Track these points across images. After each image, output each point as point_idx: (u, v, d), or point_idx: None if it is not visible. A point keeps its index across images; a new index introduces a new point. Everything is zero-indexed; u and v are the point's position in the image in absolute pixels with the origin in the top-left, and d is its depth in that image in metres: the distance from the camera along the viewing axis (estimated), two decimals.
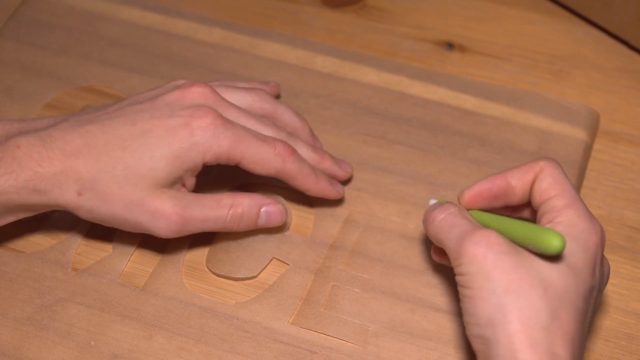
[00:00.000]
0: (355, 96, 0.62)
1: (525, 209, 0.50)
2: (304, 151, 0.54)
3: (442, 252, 0.51)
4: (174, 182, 0.50)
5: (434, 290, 0.53)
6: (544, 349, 0.41)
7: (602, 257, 0.46)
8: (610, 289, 0.54)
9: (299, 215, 0.56)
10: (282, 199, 0.56)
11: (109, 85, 0.63)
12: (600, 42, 0.67)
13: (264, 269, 0.54)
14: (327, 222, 0.56)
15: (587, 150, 0.60)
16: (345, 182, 0.58)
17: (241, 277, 0.53)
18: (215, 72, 0.64)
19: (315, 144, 0.57)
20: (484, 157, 0.59)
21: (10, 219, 0.51)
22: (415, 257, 0.54)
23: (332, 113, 0.61)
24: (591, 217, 0.46)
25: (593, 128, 0.61)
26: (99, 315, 0.52)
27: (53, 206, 0.50)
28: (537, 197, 0.47)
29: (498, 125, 0.61)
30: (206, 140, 0.50)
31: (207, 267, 0.54)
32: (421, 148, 0.60)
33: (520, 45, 0.67)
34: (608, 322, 0.53)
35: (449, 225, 0.47)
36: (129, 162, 0.49)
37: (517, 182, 0.48)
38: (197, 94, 0.52)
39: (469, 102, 0.62)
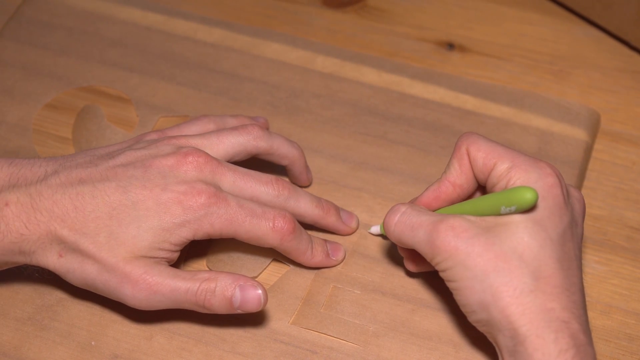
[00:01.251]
0: (356, 96, 0.62)
1: (477, 192, 0.51)
2: (308, 207, 0.53)
3: (415, 259, 0.51)
4: (156, 254, 0.48)
5: (434, 291, 0.53)
6: (536, 310, 0.43)
7: (567, 190, 0.46)
8: (611, 289, 0.54)
9: None
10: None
11: (109, 85, 0.63)
12: (600, 42, 0.67)
13: (264, 269, 0.54)
14: None
15: (588, 150, 0.60)
16: (345, 182, 0.58)
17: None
18: (215, 72, 0.64)
19: (307, 174, 0.56)
20: None
21: None
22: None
23: (333, 113, 0.61)
24: (536, 162, 0.46)
25: (593, 128, 0.61)
26: (100, 315, 0.52)
27: (34, 265, 0.49)
28: (481, 176, 0.48)
29: (498, 125, 0.61)
30: (198, 219, 0.48)
31: (208, 267, 0.54)
32: (422, 148, 0.60)
33: (520, 46, 0.67)
34: (608, 322, 0.53)
35: (409, 228, 0.47)
36: (114, 230, 0.48)
37: (459, 178, 0.49)
38: (192, 165, 0.49)
39: (469, 102, 0.62)
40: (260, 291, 0.48)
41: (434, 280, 0.53)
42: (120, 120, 0.61)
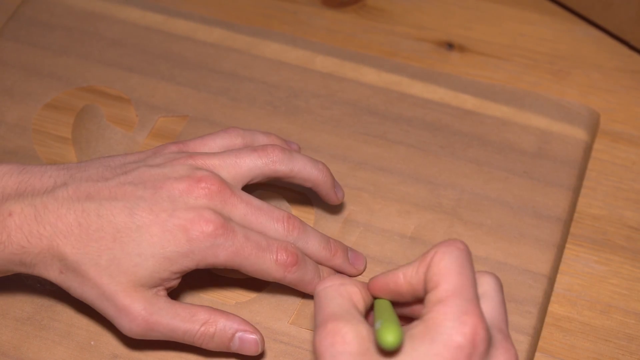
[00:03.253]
0: (356, 96, 0.62)
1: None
2: (315, 248, 0.51)
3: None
4: (156, 283, 0.48)
5: None
6: None
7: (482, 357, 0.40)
8: (610, 288, 0.54)
9: (299, 215, 0.56)
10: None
11: (109, 85, 0.63)
12: (600, 42, 0.67)
13: None
14: (326, 222, 0.56)
15: (587, 150, 0.60)
16: (345, 182, 0.58)
17: (241, 276, 0.53)
18: (215, 72, 0.64)
19: (337, 194, 0.54)
20: (484, 157, 0.59)
21: None
22: (415, 258, 0.54)
23: (332, 113, 0.61)
24: (463, 315, 0.40)
25: (593, 128, 0.61)
26: (99, 315, 0.52)
27: (36, 275, 0.48)
28: (425, 288, 0.42)
29: (498, 125, 0.61)
30: (202, 250, 0.47)
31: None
32: (421, 148, 0.60)
33: (520, 45, 0.67)
34: (608, 322, 0.53)
35: (321, 300, 0.43)
36: (116, 254, 0.47)
37: (407, 278, 0.43)
38: (203, 191, 0.48)
39: (469, 102, 0.62)
40: (257, 337, 0.49)
41: None
42: (120, 120, 0.61)
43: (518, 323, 0.51)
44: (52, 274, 0.48)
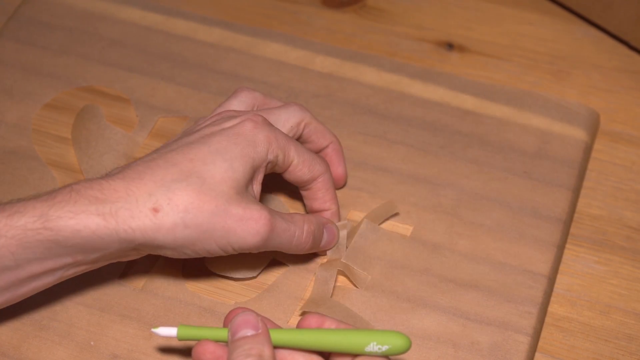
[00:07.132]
0: (355, 96, 0.62)
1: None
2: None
3: None
4: (248, 184, 0.49)
5: (433, 290, 0.53)
6: None
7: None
8: (610, 289, 0.54)
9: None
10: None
11: (109, 85, 0.63)
12: (600, 42, 0.67)
13: (263, 269, 0.54)
14: None
15: (587, 150, 0.60)
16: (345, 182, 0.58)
17: (241, 277, 0.53)
18: (215, 72, 0.64)
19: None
20: (484, 157, 0.59)
21: (69, 270, 0.47)
22: (415, 257, 0.54)
23: (332, 113, 0.61)
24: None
25: (593, 128, 0.61)
26: (99, 315, 0.52)
27: (122, 238, 0.45)
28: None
29: (498, 125, 0.61)
30: (267, 133, 0.49)
31: (206, 265, 0.54)
32: (421, 148, 0.60)
33: (520, 46, 0.67)
34: (608, 322, 0.53)
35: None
36: (201, 169, 0.47)
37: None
38: (243, 95, 0.54)
39: (468, 102, 0.62)
40: (335, 226, 0.53)
41: (434, 279, 0.53)
42: (120, 120, 0.61)
43: (518, 323, 0.51)
44: (144, 217, 0.45)
